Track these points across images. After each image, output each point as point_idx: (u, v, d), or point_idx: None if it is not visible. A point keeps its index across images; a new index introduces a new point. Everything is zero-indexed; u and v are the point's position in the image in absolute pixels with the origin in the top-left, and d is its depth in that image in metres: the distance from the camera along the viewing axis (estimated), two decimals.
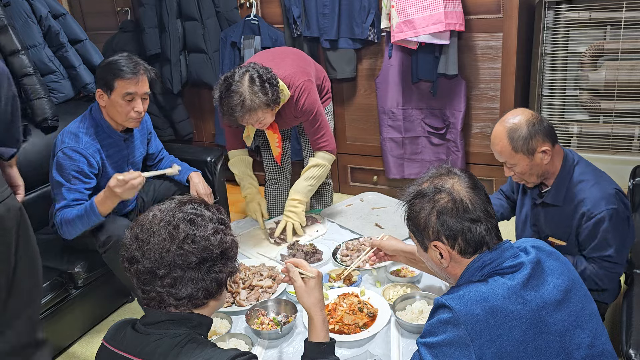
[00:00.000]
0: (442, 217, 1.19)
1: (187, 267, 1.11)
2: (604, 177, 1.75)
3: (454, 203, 1.19)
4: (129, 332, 1.16)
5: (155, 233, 1.11)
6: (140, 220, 1.16)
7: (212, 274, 1.14)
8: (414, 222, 1.26)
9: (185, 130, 3.86)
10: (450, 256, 1.22)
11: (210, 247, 1.13)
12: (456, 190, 1.21)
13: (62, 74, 2.74)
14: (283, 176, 2.77)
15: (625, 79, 2.75)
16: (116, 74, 2.06)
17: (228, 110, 2.07)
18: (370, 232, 2.34)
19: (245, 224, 2.59)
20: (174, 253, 1.10)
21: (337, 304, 1.80)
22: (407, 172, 3.26)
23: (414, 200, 1.25)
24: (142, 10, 3.55)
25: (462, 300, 1.12)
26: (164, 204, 1.19)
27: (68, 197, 2.07)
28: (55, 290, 2.11)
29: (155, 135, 2.54)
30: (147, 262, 1.10)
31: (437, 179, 1.25)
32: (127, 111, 2.10)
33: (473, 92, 2.97)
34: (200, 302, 1.15)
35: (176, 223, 1.12)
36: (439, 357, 1.11)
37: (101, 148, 2.16)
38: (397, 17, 2.73)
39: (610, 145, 2.89)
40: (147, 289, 1.13)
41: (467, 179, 1.24)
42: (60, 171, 2.08)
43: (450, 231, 1.19)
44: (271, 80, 2.10)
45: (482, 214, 1.20)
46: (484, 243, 1.20)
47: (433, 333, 1.13)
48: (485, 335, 1.08)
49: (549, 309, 1.13)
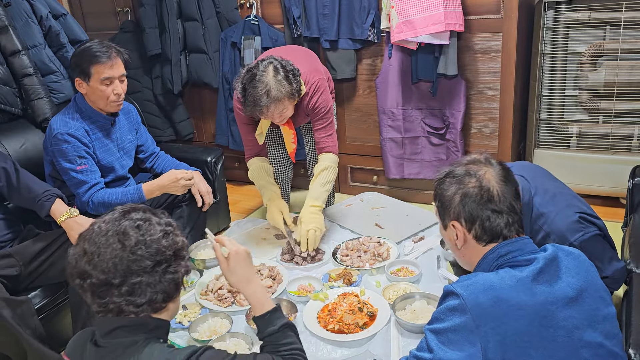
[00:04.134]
0: (465, 200, 1.23)
1: (142, 272, 1.10)
2: (564, 201, 1.69)
3: (480, 190, 1.23)
4: (89, 348, 1.15)
5: (104, 244, 1.10)
6: (85, 234, 1.15)
7: (168, 275, 1.14)
8: (440, 198, 1.30)
9: (185, 131, 3.86)
10: (465, 239, 1.26)
11: (163, 249, 1.14)
12: (487, 178, 1.24)
13: (63, 74, 2.74)
14: (287, 176, 2.78)
15: (624, 79, 2.76)
16: (91, 61, 2.11)
17: (252, 101, 2.07)
18: (370, 232, 2.35)
19: (245, 224, 2.59)
20: (128, 260, 1.09)
21: (337, 303, 1.81)
22: (406, 172, 3.27)
23: (445, 179, 1.30)
24: (143, 10, 3.55)
25: (470, 288, 1.14)
26: (107, 215, 1.18)
27: (88, 179, 2.15)
28: (56, 289, 2.11)
29: (145, 129, 2.56)
30: (100, 274, 1.09)
31: (472, 165, 1.28)
32: (107, 95, 2.15)
33: (473, 92, 2.97)
34: (159, 305, 1.15)
35: (125, 230, 1.12)
36: (445, 344, 1.12)
37: (89, 130, 2.21)
38: (397, 17, 2.74)
39: (610, 146, 2.90)
40: (103, 302, 1.12)
41: (501, 171, 1.27)
42: (64, 156, 2.13)
43: (469, 215, 1.24)
44: (294, 71, 2.13)
45: (506, 207, 1.23)
46: (500, 234, 1.23)
47: (440, 319, 1.16)
48: (489, 323, 1.09)
49: (559, 304, 1.14)
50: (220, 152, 2.87)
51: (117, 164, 2.33)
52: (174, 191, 2.27)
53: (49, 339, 1.92)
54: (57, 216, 1.96)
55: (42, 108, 2.56)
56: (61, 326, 2.17)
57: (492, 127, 2.98)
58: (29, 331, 1.80)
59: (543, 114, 3.03)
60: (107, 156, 2.28)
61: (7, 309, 1.75)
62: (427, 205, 3.24)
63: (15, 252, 1.98)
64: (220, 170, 2.83)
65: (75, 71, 2.16)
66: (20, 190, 1.99)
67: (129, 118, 2.44)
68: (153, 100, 3.79)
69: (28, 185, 1.99)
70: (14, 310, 1.78)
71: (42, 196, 1.96)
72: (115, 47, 2.18)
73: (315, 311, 1.81)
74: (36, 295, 2.03)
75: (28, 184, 1.99)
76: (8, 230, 2.11)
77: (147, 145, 2.55)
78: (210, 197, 2.44)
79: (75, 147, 2.13)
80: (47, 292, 2.07)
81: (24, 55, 2.52)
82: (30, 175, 2.03)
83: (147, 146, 2.55)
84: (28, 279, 2.00)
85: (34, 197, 1.97)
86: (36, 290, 2.04)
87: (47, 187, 2.01)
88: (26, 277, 1.99)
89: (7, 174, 1.99)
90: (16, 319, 1.77)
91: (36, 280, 2.03)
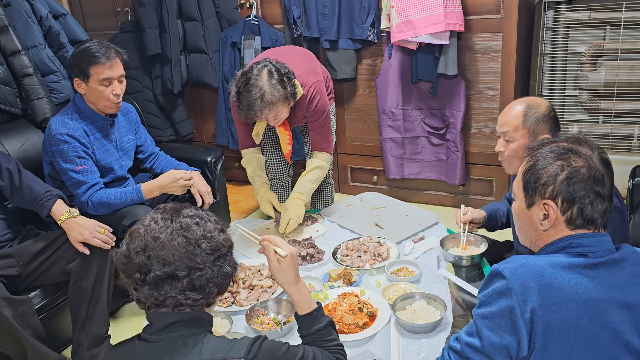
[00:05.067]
0: (571, 179, 1.13)
1: (205, 265, 1.14)
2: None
3: (589, 169, 1.14)
4: (139, 346, 1.16)
5: (168, 238, 1.13)
6: (138, 230, 1.16)
7: (224, 269, 1.19)
8: (535, 173, 1.18)
9: (185, 131, 3.86)
10: (556, 221, 1.17)
11: (220, 244, 1.18)
12: (594, 160, 1.16)
13: (63, 74, 2.74)
14: (285, 176, 2.78)
15: (624, 79, 2.76)
16: (90, 61, 2.11)
17: (247, 105, 2.08)
18: (370, 232, 2.35)
19: (245, 224, 2.59)
20: (193, 253, 1.13)
21: (337, 303, 1.81)
22: (407, 172, 3.27)
23: (544, 153, 1.18)
24: (143, 10, 3.55)
25: (519, 271, 1.10)
26: (153, 213, 1.19)
27: (87, 179, 2.15)
28: (56, 289, 2.11)
29: (144, 130, 2.56)
30: (164, 267, 1.11)
31: (575, 144, 1.18)
32: (106, 95, 2.15)
33: (473, 93, 2.97)
34: (213, 299, 1.20)
35: (187, 226, 1.15)
36: (493, 329, 1.11)
37: (88, 130, 2.21)
38: (397, 17, 2.74)
39: (610, 145, 2.90)
40: (161, 296, 1.13)
41: (601, 155, 1.18)
42: (63, 157, 2.13)
43: (571, 196, 1.14)
44: (289, 74, 2.12)
45: (608, 193, 1.15)
46: (595, 222, 1.15)
47: (487, 303, 1.13)
48: (536, 310, 1.06)
49: (614, 305, 1.09)
50: (220, 152, 2.87)
51: (116, 165, 2.33)
52: (173, 191, 2.27)
53: (49, 339, 1.92)
54: (58, 216, 1.96)
55: (42, 108, 2.56)
56: (61, 326, 2.17)
57: (492, 127, 2.99)
58: (29, 331, 1.81)
59: None
60: (106, 156, 2.28)
61: (8, 309, 1.75)
62: (427, 205, 3.25)
63: (15, 253, 1.98)
64: (220, 170, 2.83)
65: (74, 71, 2.16)
66: (22, 191, 1.99)
67: (128, 118, 2.44)
68: (153, 100, 3.79)
69: (30, 186, 1.99)
70: (14, 309, 1.78)
71: (43, 196, 1.97)
72: (115, 47, 2.18)
73: None
74: (36, 295, 2.03)
75: (30, 184, 1.99)
76: (8, 230, 2.11)
77: (147, 146, 2.55)
78: (210, 197, 2.44)
79: (74, 147, 2.13)
80: (47, 292, 2.07)
81: (24, 56, 2.52)
82: (32, 176, 2.04)
83: (146, 146, 2.55)
84: (28, 279, 2.01)
85: (35, 197, 1.97)
86: (36, 290, 2.04)
87: (49, 187, 2.02)
88: (26, 277, 2.00)
89: (10, 175, 1.99)
90: (17, 318, 1.77)
91: (36, 280, 2.03)
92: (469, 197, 3.20)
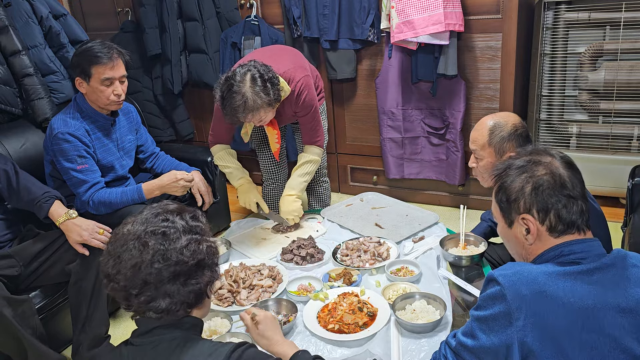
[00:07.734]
0: (537, 189, 1.16)
1: (160, 284, 1.09)
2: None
3: (552, 176, 1.16)
4: (124, 350, 1.15)
5: (126, 251, 1.09)
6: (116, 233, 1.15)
7: (188, 287, 1.11)
8: (505, 192, 1.21)
9: (185, 131, 3.87)
10: (538, 232, 1.18)
11: (184, 260, 1.10)
12: (555, 166, 1.18)
13: (63, 74, 2.75)
14: (280, 176, 2.78)
15: (624, 79, 2.76)
16: (92, 61, 2.12)
17: (231, 111, 2.08)
18: (370, 232, 2.35)
19: (245, 224, 2.59)
20: (145, 272, 1.08)
21: (337, 303, 1.81)
22: (406, 172, 3.27)
23: (508, 171, 1.22)
24: (143, 10, 3.55)
25: (512, 278, 1.11)
26: (141, 213, 1.17)
27: (88, 178, 2.16)
28: (56, 289, 2.12)
29: (145, 130, 2.57)
30: (121, 280, 1.10)
31: (534, 155, 1.22)
32: (107, 95, 2.17)
33: (472, 93, 2.97)
34: (182, 312, 1.13)
35: (146, 239, 1.09)
36: (486, 332, 1.12)
37: (89, 130, 2.21)
38: (397, 17, 2.74)
39: (610, 146, 2.90)
40: (128, 304, 1.13)
41: (563, 159, 1.21)
42: (65, 156, 2.14)
43: (543, 204, 1.16)
44: (272, 79, 2.11)
45: (579, 193, 1.17)
46: (575, 224, 1.16)
47: (482, 307, 1.15)
48: (529, 318, 1.07)
49: (609, 310, 1.09)
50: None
51: (117, 164, 2.33)
52: (173, 191, 2.28)
53: (49, 339, 1.92)
54: (56, 218, 1.96)
55: (43, 108, 2.56)
56: (61, 326, 2.17)
57: None
58: (29, 330, 1.81)
59: (543, 114, 3.04)
60: (107, 156, 2.28)
61: (8, 308, 1.76)
62: (427, 205, 3.25)
63: (15, 253, 1.98)
64: (220, 170, 2.83)
65: (75, 71, 2.17)
66: (19, 193, 1.99)
67: (129, 118, 2.44)
68: (153, 100, 3.79)
69: (27, 187, 1.99)
70: (15, 309, 1.78)
71: (40, 198, 1.96)
72: (117, 48, 2.19)
73: (315, 311, 1.81)
74: (36, 295, 2.04)
75: (27, 186, 1.99)
76: (8, 230, 2.11)
77: (147, 146, 2.56)
78: (210, 196, 2.45)
79: (76, 146, 2.14)
80: (47, 292, 2.08)
81: (24, 56, 2.52)
82: (30, 178, 2.03)
83: (147, 146, 2.55)
84: (28, 279, 2.01)
85: (33, 199, 1.97)
86: (36, 290, 2.04)
87: (47, 189, 2.01)
88: (26, 277, 2.00)
89: (7, 176, 1.99)
90: (17, 318, 1.77)
91: (36, 280, 2.03)
92: (469, 197, 3.20)
